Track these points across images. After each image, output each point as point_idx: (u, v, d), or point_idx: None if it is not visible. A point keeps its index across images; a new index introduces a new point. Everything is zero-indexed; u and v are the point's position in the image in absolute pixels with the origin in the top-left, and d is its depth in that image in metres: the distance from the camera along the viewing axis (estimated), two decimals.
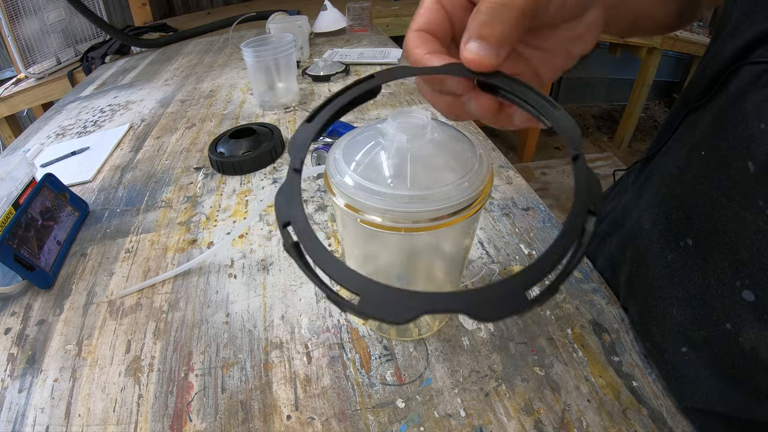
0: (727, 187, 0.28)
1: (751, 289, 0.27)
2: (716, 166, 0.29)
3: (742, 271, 0.27)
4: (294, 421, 0.32)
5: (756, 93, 0.27)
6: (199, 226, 0.53)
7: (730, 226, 0.28)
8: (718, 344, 0.30)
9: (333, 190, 0.29)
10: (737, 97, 0.29)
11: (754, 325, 0.26)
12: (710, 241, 0.30)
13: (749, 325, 0.27)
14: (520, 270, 0.18)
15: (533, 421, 0.31)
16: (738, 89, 0.29)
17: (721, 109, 0.30)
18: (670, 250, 0.33)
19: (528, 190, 0.55)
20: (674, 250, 0.33)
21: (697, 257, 0.31)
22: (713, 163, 0.30)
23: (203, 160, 0.67)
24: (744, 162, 0.27)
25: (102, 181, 0.65)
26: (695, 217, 0.31)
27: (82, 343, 0.40)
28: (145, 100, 0.94)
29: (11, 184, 0.47)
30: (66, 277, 0.48)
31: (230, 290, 0.44)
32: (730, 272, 0.28)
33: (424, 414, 0.32)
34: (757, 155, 0.26)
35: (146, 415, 0.34)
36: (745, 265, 0.27)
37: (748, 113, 0.27)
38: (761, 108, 0.26)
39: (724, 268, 0.29)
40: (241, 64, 1.08)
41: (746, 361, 0.27)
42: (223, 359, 0.37)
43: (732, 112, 0.29)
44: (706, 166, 0.30)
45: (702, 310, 0.30)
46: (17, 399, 0.36)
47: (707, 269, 0.30)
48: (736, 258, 0.28)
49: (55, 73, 1.38)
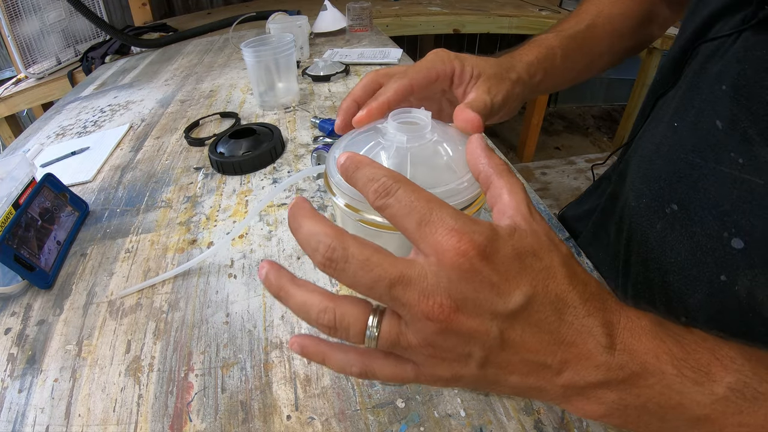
0: (701, 148, 0.31)
1: (738, 236, 0.29)
2: (688, 133, 0.32)
3: (728, 221, 0.29)
4: (294, 421, 0.32)
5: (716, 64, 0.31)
6: (199, 226, 0.53)
7: (709, 183, 0.30)
8: (714, 302, 0.31)
9: (333, 190, 0.29)
10: (700, 71, 0.32)
11: (747, 271, 0.28)
12: (693, 201, 0.32)
13: (742, 273, 0.28)
14: None
15: (533, 421, 0.31)
16: (700, 65, 0.33)
17: (688, 84, 0.33)
18: (658, 219, 0.35)
19: (528, 190, 0.55)
20: (661, 218, 0.35)
21: (684, 219, 0.33)
22: (685, 130, 0.32)
23: (203, 160, 0.67)
24: (712, 121, 0.30)
25: (102, 181, 0.65)
26: (676, 182, 0.33)
27: (82, 343, 0.40)
28: (145, 100, 0.94)
29: (11, 184, 0.47)
30: (66, 277, 0.48)
31: (230, 290, 0.44)
32: (717, 225, 0.30)
33: (424, 414, 0.32)
34: (723, 113, 0.29)
35: (146, 415, 0.34)
36: (730, 215, 0.29)
37: (711, 80, 0.30)
38: (721, 74, 0.30)
39: (710, 222, 0.31)
40: (241, 64, 1.08)
41: (744, 312, 0.29)
42: (223, 359, 0.37)
43: (697, 83, 0.32)
44: (679, 136, 0.33)
45: (695, 270, 0.32)
46: (17, 399, 0.36)
47: (694, 228, 0.32)
48: (720, 210, 0.30)
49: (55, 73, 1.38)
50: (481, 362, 0.20)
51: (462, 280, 0.18)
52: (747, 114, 0.28)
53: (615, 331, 0.19)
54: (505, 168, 0.23)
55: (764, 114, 0.27)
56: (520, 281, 0.19)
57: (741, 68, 0.28)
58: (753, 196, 0.27)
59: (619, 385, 0.19)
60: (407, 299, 0.18)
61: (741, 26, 0.29)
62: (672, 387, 0.19)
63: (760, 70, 0.27)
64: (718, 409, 0.19)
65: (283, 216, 0.53)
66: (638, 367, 0.19)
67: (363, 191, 0.21)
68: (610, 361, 0.19)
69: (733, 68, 0.29)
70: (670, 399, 0.19)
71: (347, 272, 0.19)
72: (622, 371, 0.19)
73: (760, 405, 0.18)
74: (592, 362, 0.19)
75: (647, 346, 0.19)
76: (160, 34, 1.44)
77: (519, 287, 0.19)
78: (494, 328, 0.19)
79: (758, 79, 0.27)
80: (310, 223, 0.20)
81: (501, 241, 0.19)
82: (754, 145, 0.27)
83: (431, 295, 0.18)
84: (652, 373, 0.19)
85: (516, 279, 0.19)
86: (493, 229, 0.19)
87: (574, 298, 0.19)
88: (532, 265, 0.19)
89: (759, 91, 0.27)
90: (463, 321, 0.18)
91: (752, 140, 0.27)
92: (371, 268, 0.18)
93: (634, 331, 0.20)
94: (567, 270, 0.20)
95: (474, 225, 0.19)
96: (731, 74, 0.29)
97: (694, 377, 0.19)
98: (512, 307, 0.18)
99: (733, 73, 0.29)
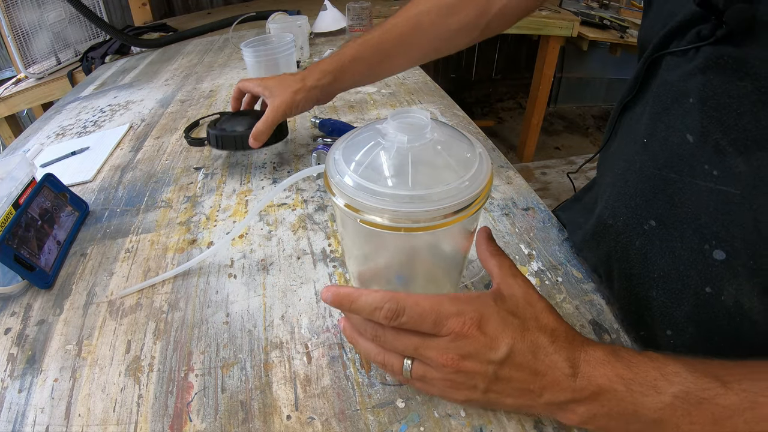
0: (674, 162, 0.31)
1: (720, 248, 0.29)
2: (660, 149, 0.32)
3: (707, 233, 0.29)
4: (294, 421, 0.32)
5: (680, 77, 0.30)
6: (199, 226, 0.53)
7: (685, 197, 0.30)
8: (702, 313, 0.31)
9: (333, 190, 0.29)
10: (664, 84, 0.32)
11: (731, 281, 0.28)
12: (671, 216, 0.32)
13: (727, 283, 0.29)
14: None
15: (533, 422, 0.31)
16: (662, 78, 0.32)
17: (654, 98, 0.33)
18: (636, 236, 0.35)
19: (528, 190, 0.55)
20: (640, 234, 0.35)
21: (663, 235, 0.33)
22: (656, 146, 0.32)
23: (203, 160, 0.67)
24: (683, 135, 0.30)
25: (102, 181, 0.65)
26: (652, 198, 0.33)
27: (82, 343, 0.40)
28: (145, 100, 0.94)
29: (11, 184, 0.47)
30: (66, 277, 0.48)
31: (230, 290, 0.44)
32: (697, 238, 0.30)
33: (424, 414, 0.32)
34: (693, 126, 0.29)
35: (146, 415, 0.34)
36: (709, 227, 0.29)
37: (677, 94, 0.30)
38: (686, 87, 0.29)
39: (689, 236, 0.30)
40: (241, 64, 1.08)
41: (732, 318, 0.29)
42: (223, 359, 0.37)
43: (662, 97, 0.32)
44: (650, 152, 0.33)
45: (679, 284, 0.32)
46: (17, 399, 0.36)
47: (674, 243, 0.32)
48: (699, 223, 0.29)
49: (55, 73, 1.38)
50: (484, 390, 0.28)
51: (466, 344, 0.27)
52: (717, 125, 0.28)
53: (577, 362, 0.27)
54: (498, 251, 0.33)
55: (734, 124, 0.27)
56: (505, 337, 0.27)
57: (706, 79, 0.28)
58: (730, 206, 0.27)
59: (584, 401, 0.26)
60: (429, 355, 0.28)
61: (698, 42, 0.29)
62: (625, 400, 0.25)
63: (726, 80, 0.27)
64: (668, 413, 0.24)
65: (283, 216, 0.53)
66: (595, 388, 0.26)
67: (372, 318, 0.28)
68: (573, 385, 0.26)
69: (698, 80, 0.29)
70: (625, 408, 0.25)
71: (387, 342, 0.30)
72: (584, 392, 0.26)
73: (704, 408, 0.24)
74: (561, 387, 0.26)
75: (600, 372, 0.26)
76: (160, 34, 1.44)
77: (504, 341, 0.27)
78: (490, 370, 0.27)
79: (725, 89, 0.27)
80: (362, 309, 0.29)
81: (490, 310, 0.28)
82: (726, 155, 0.27)
83: (445, 352, 0.27)
84: (606, 392, 0.26)
85: (501, 336, 0.27)
86: (483, 301, 0.28)
87: (544, 341, 0.27)
88: (512, 322, 0.28)
89: (727, 101, 0.27)
90: (468, 366, 0.27)
91: (725, 151, 0.27)
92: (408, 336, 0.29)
93: (591, 362, 0.27)
94: (537, 322, 0.28)
95: (469, 305, 0.28)
96: (696, 86, 0.29)
97: (642, 391, 0.25)
98: (500, 356, 0.27)
99: (698, 84, 0.29)
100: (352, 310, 0.29)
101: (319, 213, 0.53)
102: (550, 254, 0.46)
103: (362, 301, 0.28)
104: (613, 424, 0.26)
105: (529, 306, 0.29)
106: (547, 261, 0.45)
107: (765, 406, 0.23)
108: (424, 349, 0.28)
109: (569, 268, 0.44)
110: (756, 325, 0.28)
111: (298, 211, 0.54)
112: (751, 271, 0.27)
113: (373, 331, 0.29)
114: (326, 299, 0.29)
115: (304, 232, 0.51)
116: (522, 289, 0.30)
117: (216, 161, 0.67)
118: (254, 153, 0.68)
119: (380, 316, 0.28)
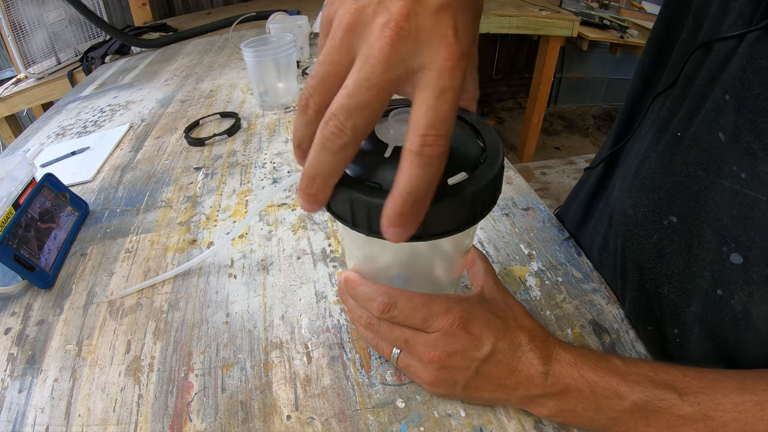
0: (703, 160, 0.30)
1: (738, 251, 0.28)
2: (691, 144, 0.31)
3: (727, 236, 0.29)
4: (294, 421, 0.32)
5: (720, 69, 0.29)
6: (199, 226, 0.53)
7: (710, 196, 0.30)
8: (709, 315, 0.31)
9: None
10: (703, 75, 0.31)
11: (744, 287, 0.28)
12: (693, 214, 0.31)
13: (739, 288, 0.28)
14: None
15: (533, 422, 0.31)
16: (699, 67, 0.31)
17: (692, 89, 0.32)
18: (655, 230, 0.35)
19: (528, 190, 0.55)
20: (659, 229, 0.34)
21: (682, 232, 0.32)
22: (688, 141, 0.31)
23: (203, 160, 0.67)
24: (715, 134, 0.29)
25: (102, 181, 0.65)
26: (676, 194, 0.33)
27: (82, 343, 0.40)
28: (145, 100, 0.94)
29: (11, 184, 0.47)
30: (66, 277, 0.48)
31: (230, 290, 0.44)
32: (716, 239, 0.29)
33: (424, 414, 0.32)
34: (726, 125, 0.28)
35: (146, 415, 0.34)
36: (729, 230, 0.29)
37: (715, 88, 0.29)
38: (725, 82, 0.29)
39: (709, 236, 0.30)
40: (241, 64, 1.08)
41: (737, 324, 0.29)
42: (223, 359, 0.37)
43: (700, 89, 0.31)
44: (681, 146, 0.32)
45: (691, 283, 0.32)
46: (17, 399, 0.36)
47: (692, 242, 0.31)
48: (720, 224, 0.29)
49: (55, 73, 1.38)
50: (464, 385, 0.30)
51: (453, 341, 0.29)
52: (750, 127, 0.27)
53: (549, 361, 0.29)
54: (483, 256, 0.35)
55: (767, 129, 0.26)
56: (488, 336, 0.29)
57: (745, 77, 0.27)
58: (754, 211, 0.27)
59: (554, 396, 0.29)
60: (418, 349, 0.30)
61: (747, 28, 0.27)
62: (589, 399, 0.28)
63: (764, 83, 0.26)
64: (627, 416, 0.27)
65: (283, 216, 0.53)
66: (563, 386, 0.28)
67: (365, 307, 0.31)
68: (545, 382, 0.29)
69: (737, 76, 0.27)
70: (589, 407, 0.28)
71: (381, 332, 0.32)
72: (553, 388, 0.28)
73: (661, 416, 0.26)
74: (534, 383, 0.29)
75: (568, 372, 0.28)
76: (160, 34, 1.44)
77: (488, 339, 0.29)
78: (473, 366, 0.29)
79: (763, 90, 0.26)
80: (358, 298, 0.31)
81: (474, 310, 0.30)
82: (756, 159, 0.26)
83: (433, 349, 0.29)
84: (572, 391, 0.28)
85: (485, 335, 0.29)
86: (470, 302, 0.30)
87: (523, 340, 0.29)
88: (495, 322, 0.30)
89: (764, 104, 0.26)
90: (453, 362, 0.29)
91: (755, 155, 0.26)
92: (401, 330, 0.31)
93: (561, 362, 0.29)
94: (516, 322, 0.31)
95: (457, 305, 0.30)
96: (735, 83, 0.28)
97: (604, 393, 0.27)
98: (483, 354, 0.29)
99: (736, 82, 0.27)
100: (351, 296, 0.32)
101: (319, 213, 0.53)
102: (550, 254, 0.46)
103: (360, 290, 0.31)
104: (579, 418, 0.29)
105: (509, 308, 0.31)
106: (547, 261, 0.45)
107: (714, 419, 0.25)
108: (414, 343, 0.30)
109: (569, 268, 0.44)
110: (760, 335, 0.28)
111: (298, 211, 0.54)
112: (765, 278, 0.27)
113: (368, 319, 0.31)
114: (338, 282, 0.32)
115: (304, 232, 0.51)
116: (502, 293, 0.33)
117: (216, 161, 0.67)
118: (254, 153, 0.68)
119: (373, 307, 0.30)
